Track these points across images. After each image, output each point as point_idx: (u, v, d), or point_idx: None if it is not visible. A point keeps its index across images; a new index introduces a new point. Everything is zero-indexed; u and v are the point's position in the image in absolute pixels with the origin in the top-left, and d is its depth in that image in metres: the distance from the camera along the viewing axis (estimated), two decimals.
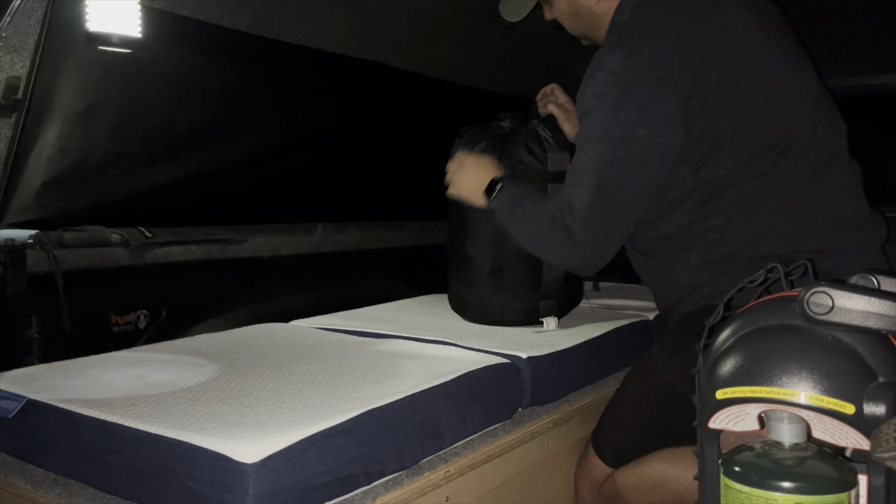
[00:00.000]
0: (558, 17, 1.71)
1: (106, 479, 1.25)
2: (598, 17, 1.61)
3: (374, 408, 1.30)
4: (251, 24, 2.01)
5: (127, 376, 1.51)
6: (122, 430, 1.22)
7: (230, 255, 2.31)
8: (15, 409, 1.36)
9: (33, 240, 1.82)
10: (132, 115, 1.94)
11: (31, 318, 1.84)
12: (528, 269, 1.98)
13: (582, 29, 1.69)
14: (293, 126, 2.40)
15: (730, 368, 0.88)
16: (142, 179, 2.06)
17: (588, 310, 2.20)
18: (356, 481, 1.25)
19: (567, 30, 1.73)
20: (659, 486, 1.62)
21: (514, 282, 1.99)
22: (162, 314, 2.12)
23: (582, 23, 1.67)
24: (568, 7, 1.67)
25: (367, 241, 2.80)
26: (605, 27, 1.58)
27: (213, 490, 1.11)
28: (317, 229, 2.61)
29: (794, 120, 1.48)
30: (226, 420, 1.23)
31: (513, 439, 1.58)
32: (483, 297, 2.03)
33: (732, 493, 0.83)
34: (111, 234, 1.99)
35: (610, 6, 1.57)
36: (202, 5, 1.88)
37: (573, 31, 1.72)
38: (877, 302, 0.82)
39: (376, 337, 1.89)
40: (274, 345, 1.81)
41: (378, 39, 2.38)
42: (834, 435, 0.83)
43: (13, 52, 1.57)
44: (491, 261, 1.99)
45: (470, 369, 1.55)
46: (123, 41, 1.74)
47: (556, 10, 1.70)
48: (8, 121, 1.63)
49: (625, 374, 1.79)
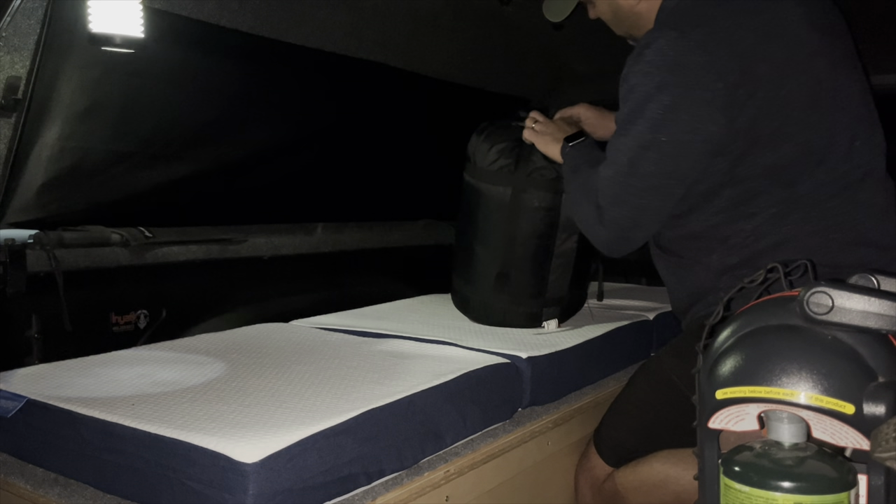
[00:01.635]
0: (602, 17, 1.69)
1: (106, 479, 1.25)
2: (640, 16, 1.59)
3: (374, 408, 1.30)
4: (251, 24, 2.01)
5: (127, 376, 1.51)
6: (122, 430, 1.22)
7: (230, 255, 2.31)
8: (15, 409, 1.36)
9: (33, 240, 1.82)
10: (132, 115, 1.94)
11: (31, 318, 1.84)
12: (533, 276, 1.96)
13: (627, 28, 1.67)
14: (293, 126, 2.40)
15: (730, 368, 0.88)
16: (142, 179, 2.06)
17: (588, 310, 2.19)
18: (356, 481, 1.25)
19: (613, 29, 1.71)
20: (659, 486, 1.62)
21: (519, 287, 1.98)
22: (162, 314, 2.12)
23: (625, 23, 1.65)
24: (609, 8, 1.65)
25: (367, 241, 2.80)
26: (647, 25, 1.56)
27: (213, 490, 1.11)
28: (317, 229, 2.62)
29: (835, 129, 1.44)
30: (226, 420, 1.23)
31: (513, 439, 1.58)
32: (486, 300, 2.03)
33: (732, 493, 0.83)
34: (111, 234, 1.99)
35: (652, 5, 1.55)
36: (203, 5, 1.88)
37: (618, 31, 1.71)
38: (877, 302, 0.82)
39: (376, 337, 1.89)
40: (274, 345, 1.81)
41: (378, 39, 2.37)
42: (834, 435, 0.83)
43: (13, 52, 1.57)
44: (498, 265, 1.97)
45: (470, 369, 1.55)
46: (125, 41, 1.74)
47: (598, 10, 1.68)
48: (8, 121, 1.63)
49: (625, 374, 1.79)
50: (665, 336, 2.17)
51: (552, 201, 1.89)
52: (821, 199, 1.43)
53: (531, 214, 1.91)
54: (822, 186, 1.43)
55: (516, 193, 1.90)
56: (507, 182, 1.90)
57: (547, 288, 1.98)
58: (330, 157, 2.57)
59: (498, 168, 1.91)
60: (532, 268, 1.96)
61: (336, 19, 2.20)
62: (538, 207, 1.90)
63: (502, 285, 1.98)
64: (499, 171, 1.91)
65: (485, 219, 1.98)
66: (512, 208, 1.91)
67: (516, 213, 1.91)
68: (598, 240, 1.57)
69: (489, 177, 1.93)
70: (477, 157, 1.97)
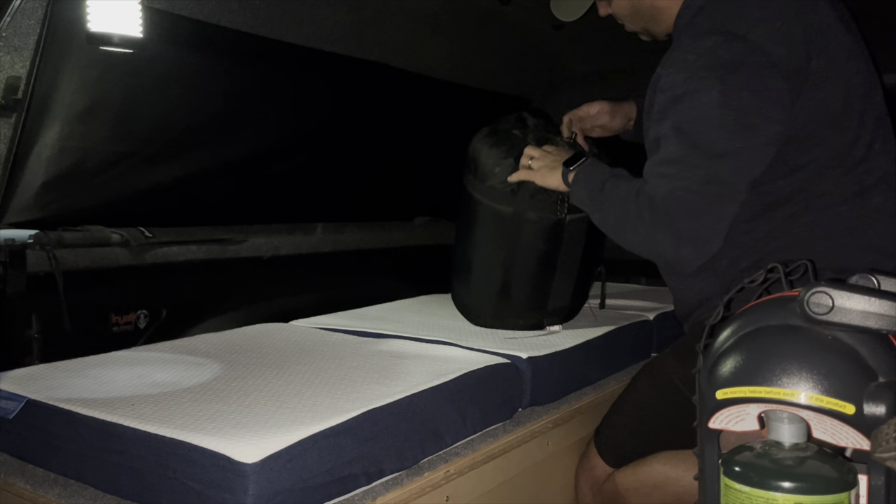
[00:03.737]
0: (617, 12, 1.66)
1: (106, 479, 1.25)
2: (660, 10, 1.57)
3: (374, 408, 1.30)
4: (251, 24, 2.01)
5: (127, 376, 1.51)
6: (122, 430, 1.22)
7: (230, 255, 2.31)
8: (15, 410, 1.36)
9: (33, 240, 1.82)
10: (132, 115, 1.94)
11: (31, 318, 1.84)
12: (534, 290, 1.93)
13: (643, 24, 1.64)
14: (293, 126, 2.40)
15: (730, 368, 0.88)
16: (142, 179, 2.06)
17: (588, 310, 2.19)
18: (356, 481, 1.25)
19: (627, 26, 1.68)
20: (659, 487, 1.62)
21: (520, 300, 1.95)
22: (162, 314, 2.12)
23: (643, 18, 1.62)
24: (629, 3, 1.62)
25: (367, 241, 2.80)
26: (666, 21, 1.55)
27: (213, 490, 1.11)
28: (317, 229, 2.62)
29: (861, 132, 1.42)
30: (226, 420, 1.23)
31: (513, 439, 1.58)
32: (486, 310, 2.01)
33: (732, 494, 0.83)
34: (111, 234, 1.99)
35: (672, 2, 1.53)
36: (202, 5, 1.88)
37: (632, 27, 1.67)
38: (877, 302, 0.82)
39: (376, 337, 1.89)
40: (274, 345, 1.80)
41: (378, 39, 2.38)
42: (834, 435, 0.83)
43: (13, 52, 1.58)
44: (499, 280, 1.94)
45: (470, 369, 1.55)
46: (124, 41, 1.74)
47: (614, 6, 1.65)
48: (8, 121, 1.64)
49: (625, 375, 1.78)
50: (665, 336, 2.17)
51: (555, 221, 1.84)
52: (833, 203, 1.41)
53: (533, 232, 1.85)
54: (837, 190, 1.41)
55: (518, 213, 1.84)
56: (509, 203, 1.84)
57: (549, 301, 1.95)
58: (330, 157, 2.57)
59: (500, 187, 1.84)
60: (534, 282, 1.92)
61: (336, 19, 2.20)
62: (541, 226, 1.84)
63: (503, 298, 1.96)
64: (501, 191, 1.84)
65: (486, 231, 1.94)
66: (513, 225, 1.86)
67: (517, 231, 1.86)
68: (673, 256, 1.42)
69: (491, 194, 1.87)
70: (479, 171, 1.90)
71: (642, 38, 1.70)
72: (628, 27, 1.69)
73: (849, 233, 1.42)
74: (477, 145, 1.92)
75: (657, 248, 1.44)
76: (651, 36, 1.67)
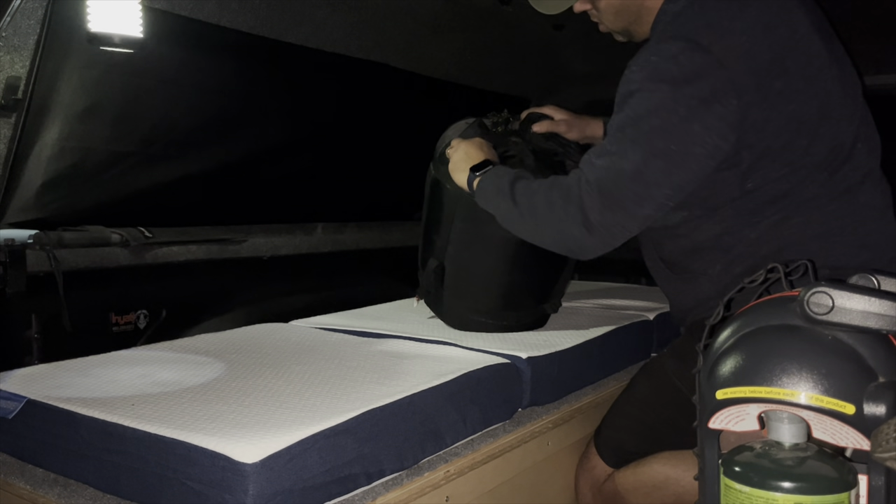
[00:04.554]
0: (601, 9, 1.61)
1: (106, 479, 1.25)
2: (648, 10, 1.55)
3: (374, 408, 1.30)
4: (251, 24, 2.01)
5: (127, 376, 1.51)
6: (122, 430, 1.22)
7: (230, 255, 2.31)
8: (15, 409, 1.36)
9: (33, 240, 1.82)
10: (132, 115, 1.94)
11: (31, 318, 1.84)
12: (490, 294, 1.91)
13: (625, 24, 1.61)
14: (293, 126, 2.40)
15: (730, 368, 0.88)
16: (142, 179, 2.06)
17: (588, 310, 2.19)
18: (356, 481, 1.25)
19: (606, 24, 1.65)
20: (659, 487, 1.62)
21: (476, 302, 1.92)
22: (162, 314, 2.12)
23: (628, 17, 1.59)
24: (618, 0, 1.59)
25: (367, 241, 2.80)
26: (650, 22, 1.54)
27: (213, 490, 1.11)
28: (317, 229, 2.62)
29: (841, 135, 1.44)
30: (226, 420, 1.23)
31: (513, 439, 1.58)
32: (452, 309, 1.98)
33: (732, 494, 0.83)
34: (111, 234, 1.99)
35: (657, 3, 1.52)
36: (202, 5, 1.89)
37: (614, 26, 1.64)
38: (877, 302, 0.82)
39: (376, 337, 1.89)
40: (274, 345, 1.80)
41: (378, 39, 2.38)
42: (834, 435, 0.83)
43: (13, 52, 1.58)
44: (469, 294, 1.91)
45: (470, 369, 1.55)
46: (124, 41, 1.74)
47: (600, 3, 1.61)
48: (8, 121, 1.64)
49: (625, 374, 1.78)
50: (665, 336, 2.17)
51: None
52: (822, 204, 1.42)
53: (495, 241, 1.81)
54: (825, 190, 1.42)
55: None
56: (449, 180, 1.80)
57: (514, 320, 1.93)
58: (330, 157, 2.57)
59: None
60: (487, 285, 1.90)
61: (336, 19, 2.20)
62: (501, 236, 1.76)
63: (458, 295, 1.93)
64: None
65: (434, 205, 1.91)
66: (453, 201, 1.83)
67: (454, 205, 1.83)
68: (580, 245, 1.47)
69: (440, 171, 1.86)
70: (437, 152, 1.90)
71: (618, 38, 1.68)
72: (607, 26, 1.65)
73: (840, 231, 1.43)
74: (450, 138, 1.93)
75: (563, 238, 1.49)
76: (629, 37, 1.65)
